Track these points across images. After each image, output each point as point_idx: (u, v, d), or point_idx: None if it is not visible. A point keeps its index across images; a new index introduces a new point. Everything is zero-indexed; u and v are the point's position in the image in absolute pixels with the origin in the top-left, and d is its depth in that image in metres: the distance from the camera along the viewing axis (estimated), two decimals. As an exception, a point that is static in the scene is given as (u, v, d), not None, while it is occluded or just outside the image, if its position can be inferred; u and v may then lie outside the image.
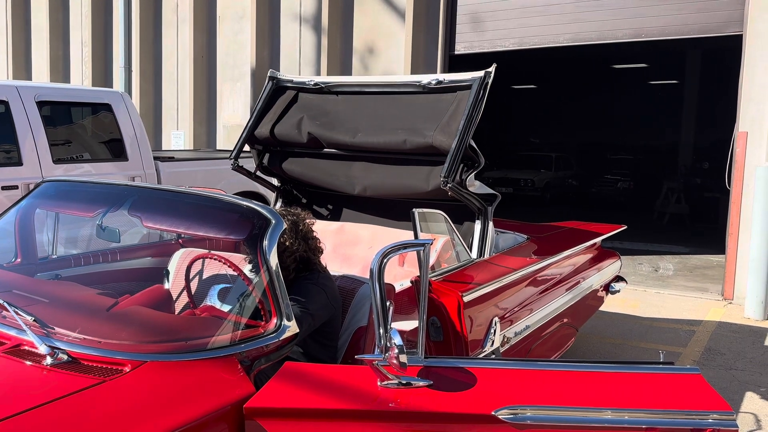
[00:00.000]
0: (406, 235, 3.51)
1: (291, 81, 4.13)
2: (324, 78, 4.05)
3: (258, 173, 4.27)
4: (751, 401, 4.19)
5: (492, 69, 3.52)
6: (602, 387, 1.93)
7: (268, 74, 4.17)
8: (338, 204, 4.28)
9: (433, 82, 3.64)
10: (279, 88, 4.15)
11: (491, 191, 3.64)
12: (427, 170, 3.62)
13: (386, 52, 8.99)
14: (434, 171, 3.55)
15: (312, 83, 4.02)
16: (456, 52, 8.67)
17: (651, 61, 16.48)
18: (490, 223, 3.59)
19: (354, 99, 3.94)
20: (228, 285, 2.46)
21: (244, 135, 4.07)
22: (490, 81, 3.49)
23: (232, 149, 4.19)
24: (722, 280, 6.98)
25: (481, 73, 3.48)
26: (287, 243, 2.41)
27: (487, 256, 3.54)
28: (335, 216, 4.28)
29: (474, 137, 3.47)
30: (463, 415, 1.84)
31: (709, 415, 1.84)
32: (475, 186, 3.55)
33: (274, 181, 4.39)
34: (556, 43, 8.05)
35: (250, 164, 4.29)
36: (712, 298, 6.86)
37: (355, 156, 3.88)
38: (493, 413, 1.83)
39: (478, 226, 3.59)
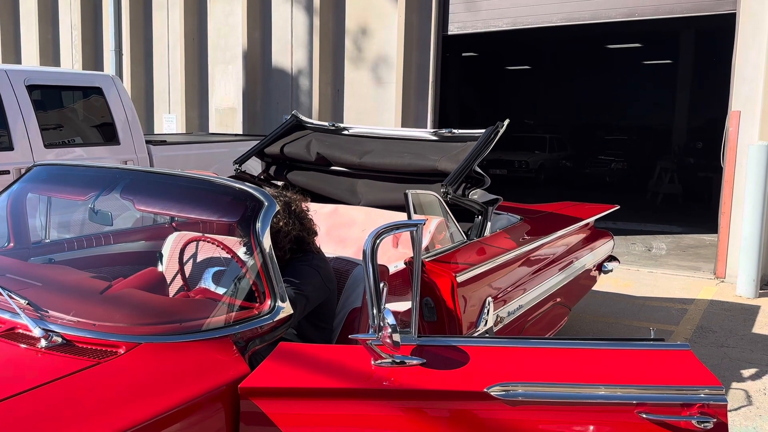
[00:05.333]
0: (400, 217, 3.52)
1: (311, 122, 4.51)
2: (342, 124, 4.41)
3: (261, 177, 4.42)
4: (742, 378, 4.24)
5: (505, 123, 3.78)
6: (593, 363, 1.95)
7: (292, 112, 4.55)
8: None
9: (445, 132, 3.98)
10: (298, 124, 4.50)
11: (493, 197, 3.76)
12: (430, 186, 3.74)
13: (379, 33, 8.92)
14: (436, 186, 3.65)
15: (330, 125, 4.41)
16: (449, 33, 8.62)
17: (645, 41, 16.42)
18: (489, 223, 3.68)
19: (365, 139, 4.25)
20: (222, 267, 2.46)
21: (253, 149, 4.31)
22: (502, 131, 3.72)
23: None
24: (714, 259, 7.02)
25: (491, 127, 3.74)
26: (281, 224, 2.41)
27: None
28: None
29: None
30: (455, 392, 1.86)
31: (699, 390, 1.87)
32: (478, 194, 3.65)
33: (279, 183, 4.47)
34: (550, 23, 8.00)
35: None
36: (704, 277, 6.91)
37: (360, 174, 4.09)
38: (485, 390, 1.85)
39: (477, 220, 3.64)
